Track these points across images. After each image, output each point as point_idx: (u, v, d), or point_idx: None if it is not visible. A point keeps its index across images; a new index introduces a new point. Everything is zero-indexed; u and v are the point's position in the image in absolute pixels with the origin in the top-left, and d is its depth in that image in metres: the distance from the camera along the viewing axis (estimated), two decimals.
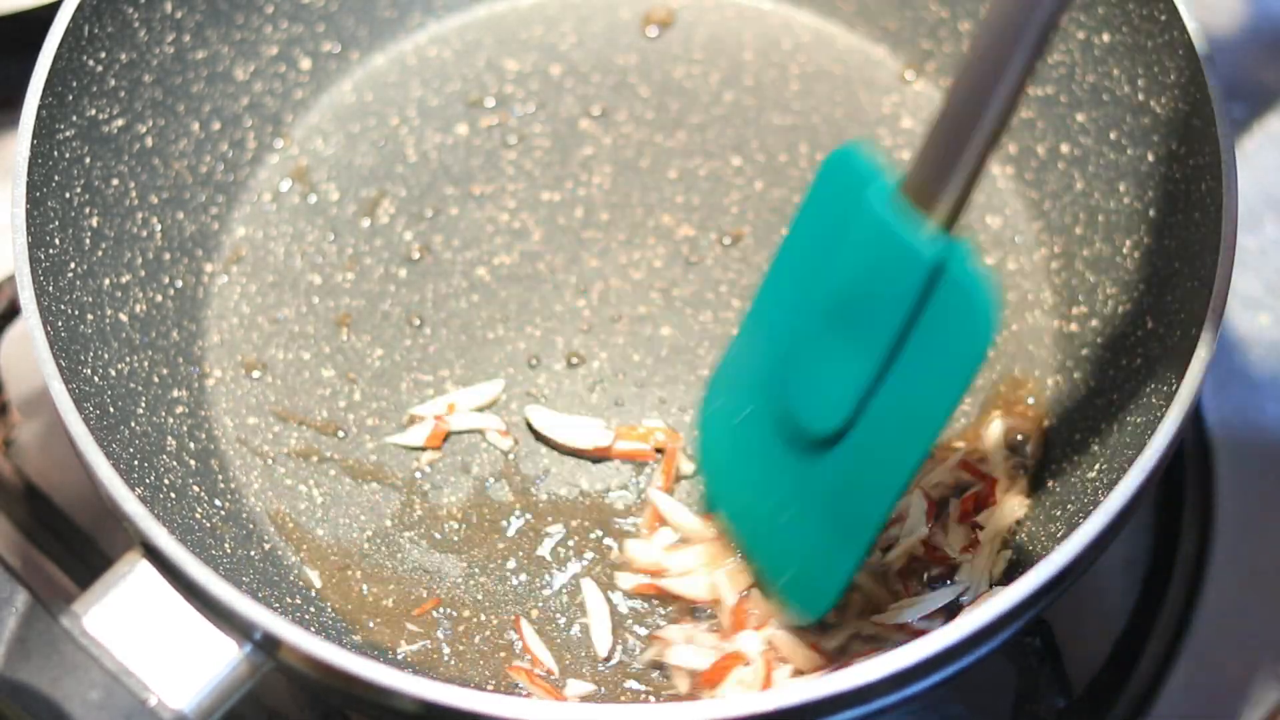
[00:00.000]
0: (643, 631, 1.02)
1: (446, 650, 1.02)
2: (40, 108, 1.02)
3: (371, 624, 1.04)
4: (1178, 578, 1.15)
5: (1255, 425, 1.20)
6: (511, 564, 1.05)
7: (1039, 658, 1.03)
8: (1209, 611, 1.14)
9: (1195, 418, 1.14)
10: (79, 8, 1.06)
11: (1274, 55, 1.35)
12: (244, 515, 1.07)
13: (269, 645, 0.89)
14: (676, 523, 1.04)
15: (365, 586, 1.05)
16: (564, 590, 1.04)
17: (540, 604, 1.04)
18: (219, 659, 0.90)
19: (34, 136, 1.01)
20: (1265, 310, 1.24)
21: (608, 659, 1.02)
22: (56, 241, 1.03)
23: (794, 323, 0.96)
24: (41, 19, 1.08)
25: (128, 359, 1.06)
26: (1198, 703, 1.11)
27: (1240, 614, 1.14)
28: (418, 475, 1.09)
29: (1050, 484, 1.05)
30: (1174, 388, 0.92)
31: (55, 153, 1.04)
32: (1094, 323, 1.09)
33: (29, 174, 1.00)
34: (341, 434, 1.10)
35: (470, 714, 0.85)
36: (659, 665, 1.01)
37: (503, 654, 1.02)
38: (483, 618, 1.03)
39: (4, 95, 1.31)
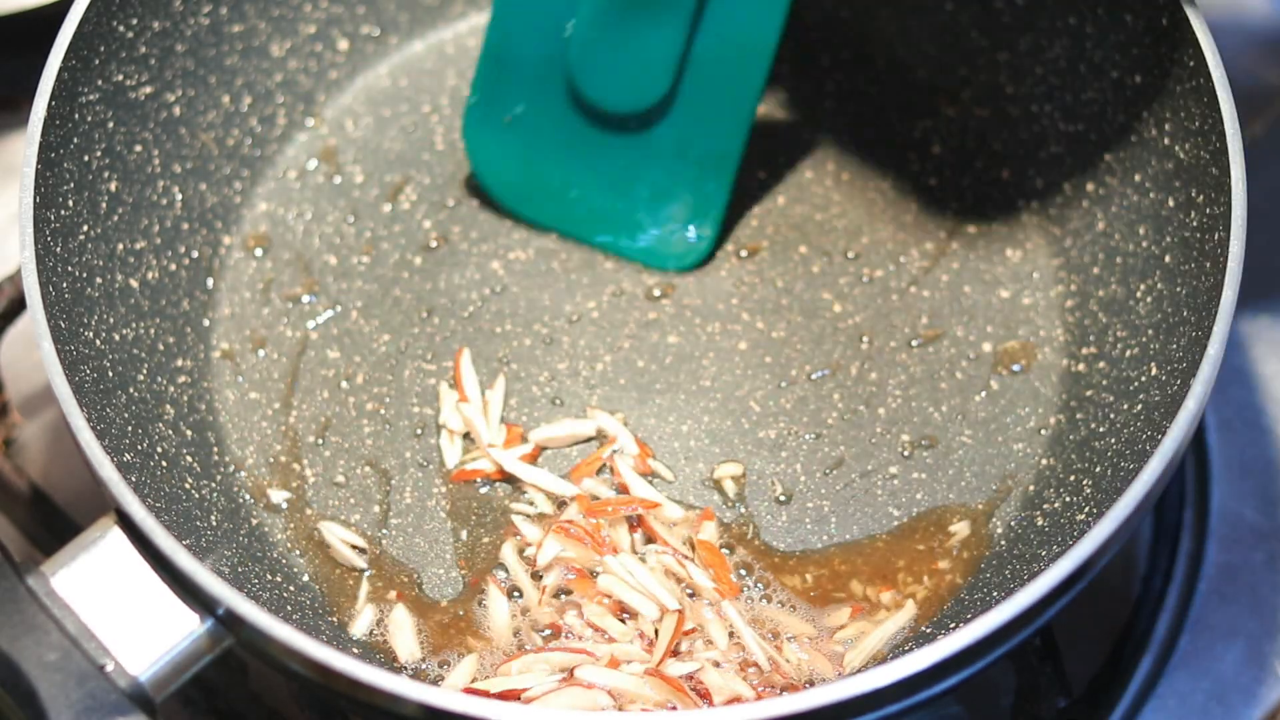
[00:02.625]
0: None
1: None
2: (62, 69, 1.02)
3: (350, 608, 1.04)
4: (1177, 578, 1.15)
5: (1255, 425, 1.20)
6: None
7: (1039, 658, 1.03)
8: (1208, 611, 1.13)
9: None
10: None
11: (1274, 55, 1.33)
12: (234, 489, 1.08)
13: (230, 621, 0.89)
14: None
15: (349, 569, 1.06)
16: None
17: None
18: (180, 631, 0.90)
19: (52, 98, 1.01)
20: (1264, 310, 1.23)
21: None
22: (70, 203, 1.03)
23: (559, 19, 1.07)
24: (44, 18, 1.09)
25: (134, 325, 1.07)
26: (1197, 702, 1.10)
27: (1239, 614, 1.13)
28: (410, 463, 1.09)
29: (1040, 522, 1.04)
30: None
31: (76, 115, 1.05)
32: (1101, 364, 1.08)
33: (44, 134, 1.00)
34: (340, 417, 1.11)
35: (425, 705, 0.86)
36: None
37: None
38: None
39: (6, 95, 1.32)
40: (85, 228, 1.05)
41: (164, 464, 1.02)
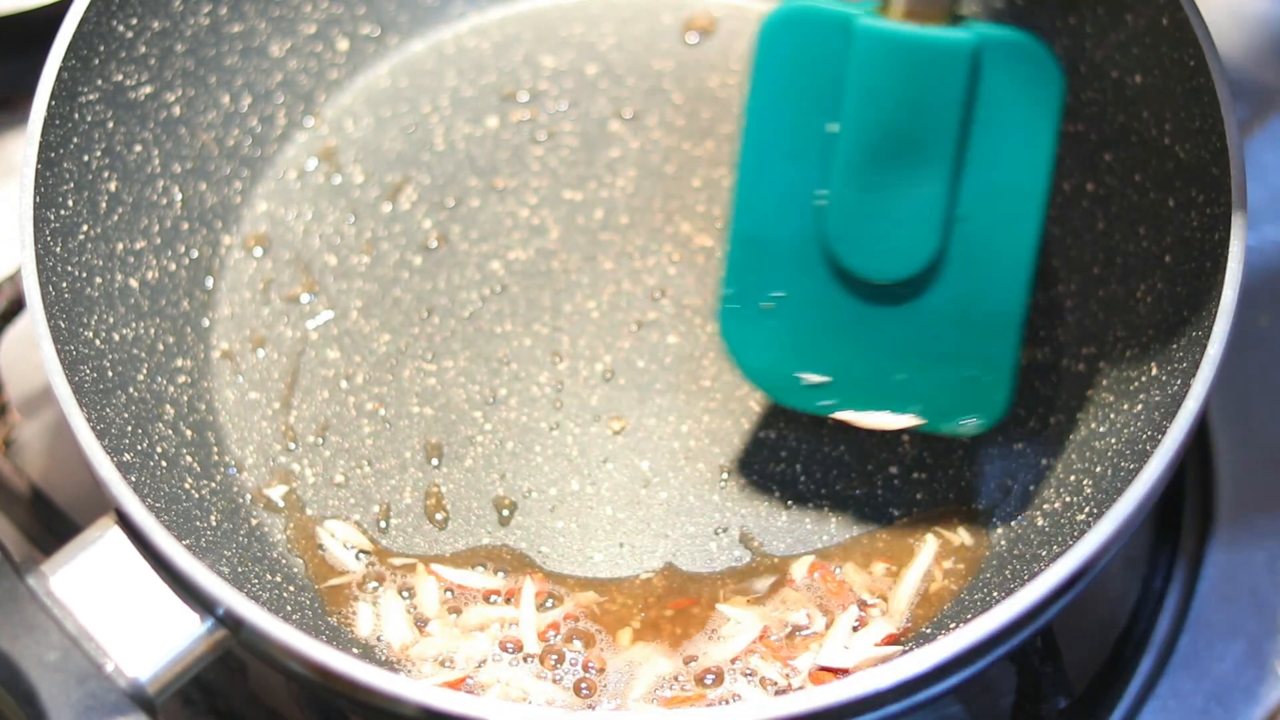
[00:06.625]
0: None
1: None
2: (62, 69, 1.02)
3: (350, 609, 1.04)
4: (1178, 577, 1.15)
5: (1255, 425, 1.19)
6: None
7: (1039, 658, 1.03)
8: (1209, 611, 1.13)
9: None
10: None
11: (1274, 55, 1.33)
12: (234, 490, 1.08)
13: (231, 622, 0.89)
14: None
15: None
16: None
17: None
18: (180, 631, 0.90)
19: (52, 98, 1.01)
20: (1264, 310, 1.23)
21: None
22: (70, 203, 1.03)
23: (808, 191, 0.98)
24: (44, 18, 1.09)
25: (134, 325, 1.07)
26: (1197, 702, 1.10)
27: (1240, 614, 1.13)
28: (410, 463, 1.09)
29: (1040, 522, 1.04)
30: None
31: (76, 115, 1.05)
32: (1101, 364, 1.08)
33: (43, 134, 1.00)
34: (340, 417, 1.11)
35: (425, 707, 0.86)
36: None
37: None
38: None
39: (5, 95, 1.32)
40: (85, 228, 1.05)
41: (164, 464, 1.02)
